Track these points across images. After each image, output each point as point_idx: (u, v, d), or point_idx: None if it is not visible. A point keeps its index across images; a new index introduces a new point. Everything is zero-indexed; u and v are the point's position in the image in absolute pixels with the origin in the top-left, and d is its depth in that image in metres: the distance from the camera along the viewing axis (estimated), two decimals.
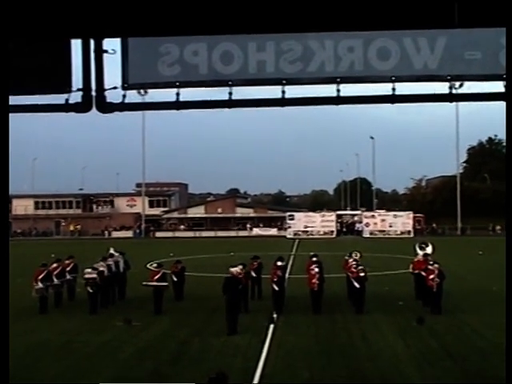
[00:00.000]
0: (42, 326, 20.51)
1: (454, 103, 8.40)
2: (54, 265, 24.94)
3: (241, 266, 21.90)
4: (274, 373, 14.30)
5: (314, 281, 21.93)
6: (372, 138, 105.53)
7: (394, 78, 7.27)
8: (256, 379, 13.68)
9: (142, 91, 7.56)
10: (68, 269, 25.50)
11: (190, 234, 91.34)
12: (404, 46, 7.26)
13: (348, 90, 7.26)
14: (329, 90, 7.24)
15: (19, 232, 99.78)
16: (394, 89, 7.31)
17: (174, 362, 15.49)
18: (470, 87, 7.46)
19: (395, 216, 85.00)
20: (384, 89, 7.31)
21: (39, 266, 23.90)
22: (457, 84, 7.39)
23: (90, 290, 22.67)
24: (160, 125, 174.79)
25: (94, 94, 7.19)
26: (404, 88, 7.32)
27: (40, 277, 23.12)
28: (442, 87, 7.44)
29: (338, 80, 7.22)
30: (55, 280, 24.05)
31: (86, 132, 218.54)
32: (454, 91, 7.46)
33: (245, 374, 13.92)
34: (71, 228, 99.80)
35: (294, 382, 13.64)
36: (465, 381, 13.41)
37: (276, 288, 21.99)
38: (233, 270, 19.25)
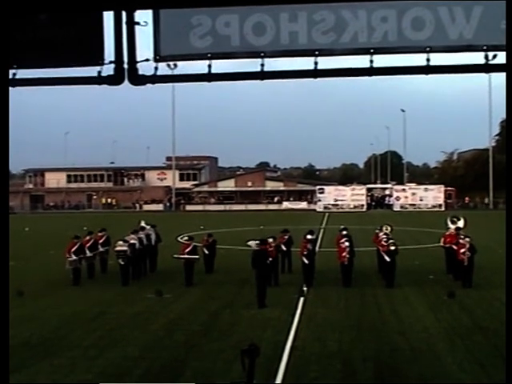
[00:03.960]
0: (75, 297, 20.85)
1: (488, 75, 8.24)
2: (87, 237, 25.31)
3: (271, 240, 21.95)
4: (304, 345, 14.37)
5: (344, 254, 21.92)
6: (403, 110, 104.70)
7: (428, 49, 7.14)
8: (286, 352, 13.76)
9: (171, 65, 7.54)
10: (100, 241, 25.83)
11: (220, 207, 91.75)
12: (439, 15, 7.11)
13: (381, 61, 7.16)
14: (362, 62, 7.15)
15: (52, 205, 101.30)
16: (428, 59, 7.19)
17: (204, 334, 15.65)
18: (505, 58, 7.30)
19: (426, 189, 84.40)
20: (418, 60, 7.20)
21: (72, 239, 24.26)
22: (490, 55, 7.24)
23: (122, 263, 22.95)
24: (190, 98, 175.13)
25: (126, 66, 7.20)
26: (438, 58, 7.20)
27: (73, 249, 23.48)
28: (476, 58, 7.30)
29: (372, 51, 7.11)
30: (88, 252, 24.41)
31: (117, 106, 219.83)
32: (489, 62, 7.30)
33: (275, 347, 14.01)
34: (103, 201, 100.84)
35: (323, 354, 13.69)
36: (495, 355, 13.31)
37: (306, 261, 22.03)
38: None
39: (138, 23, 7.12)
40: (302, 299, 19.23)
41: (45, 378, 12.29)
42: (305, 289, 20.23)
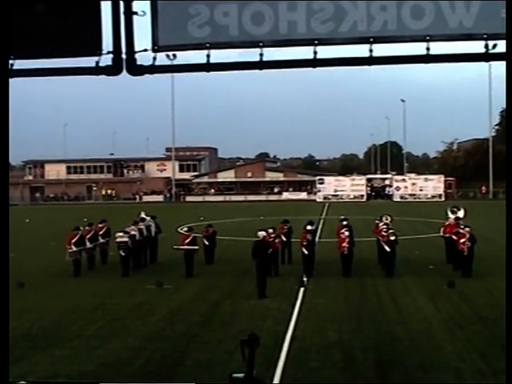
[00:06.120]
0: (75, 288, 20.88)
1: (488, 64, 8.21)
2: (87, 229, 25.32)
3: (271, 230, 21.94)
4: (304, 336, 14.41)
5: (344, 244, 21.95)
6: (403, 100, 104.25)
7: (428, 38, 7.10)
8: (286, 342, 13.80)
9: (170, 55, 7.49)
10: (101, 233, 25.86)
11: (220, 198, 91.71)
12: (438, 4, 7.06)
13: (381, 50, 7.11)
14: (361, 51, 7.10)
15: (52, 196, 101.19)
16: (428, 48, 7.15)
17: (204, 324, 15.68)
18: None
19: (426, 180, 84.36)
20: (418, 49, 7.14)
21: (72, 230, 24.27)
22: (491, 44, 7.19)
23: (122, 254, 22.98)
24: (189, 90, 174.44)
25: (124, 56, 7.16)
26: (438, 47, 7.15)
27: (73, 240, 23.50)
28: (476, 47, 7.26)
29: (371, 40, 7.05)
30: (88, 244, 24.43)
31: (117, 97, 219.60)
32: (489, 51, 7.26)
33: (275, 337, 14.05)
34: (103, 192, 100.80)
35: (323, 344, 13.71)
36: (495, 345, 13.33)
37: (306, 252, 22.05)
38: (260, 233, 19.33)
39: (135, 13, 7.07)
40: (302, 289, 19.27)
41: (46, 368, 12.32)
42: (305, 279, 20.26)
